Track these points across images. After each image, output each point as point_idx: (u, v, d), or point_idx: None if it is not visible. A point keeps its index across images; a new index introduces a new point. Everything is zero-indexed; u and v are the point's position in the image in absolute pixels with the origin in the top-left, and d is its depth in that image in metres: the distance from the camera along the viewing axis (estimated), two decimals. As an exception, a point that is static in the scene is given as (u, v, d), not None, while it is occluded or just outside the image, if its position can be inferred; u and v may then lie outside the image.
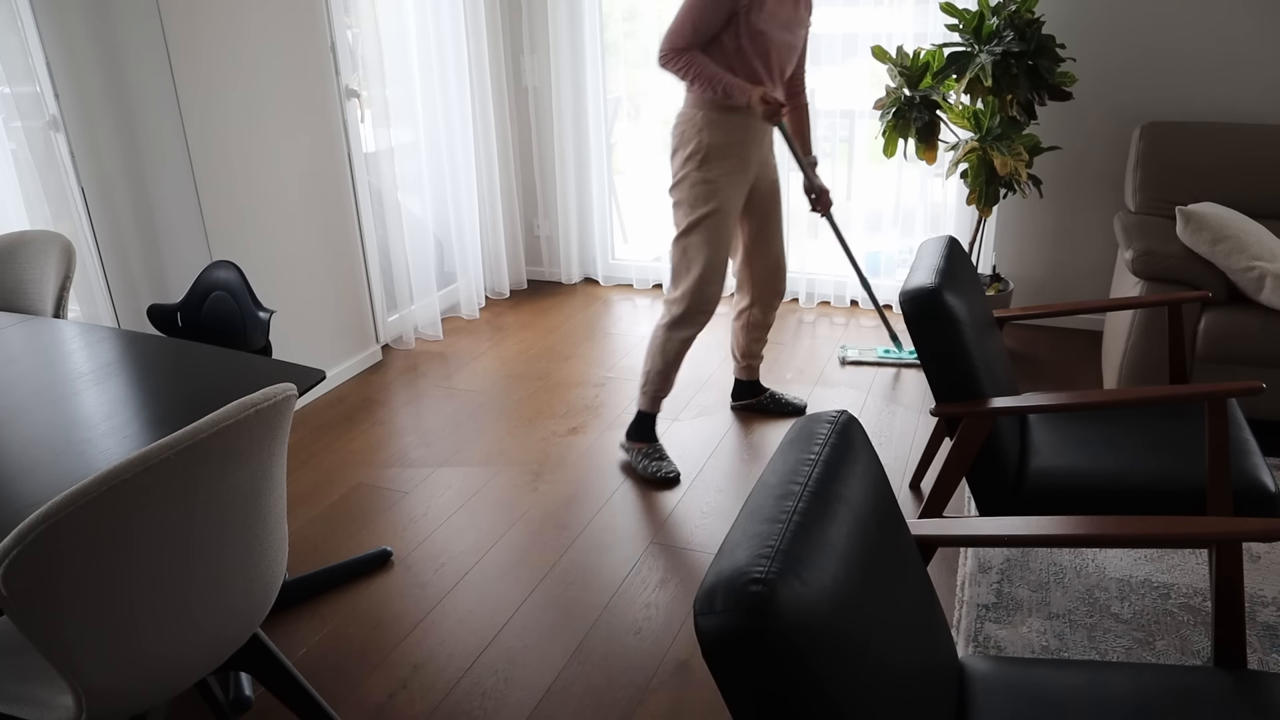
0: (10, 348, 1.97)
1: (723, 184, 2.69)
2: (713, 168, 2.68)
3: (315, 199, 3.37)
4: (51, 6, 2.80)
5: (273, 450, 1.44)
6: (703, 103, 2.68)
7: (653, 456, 2.87)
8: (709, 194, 2.68)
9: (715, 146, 2.68)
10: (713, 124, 2.67)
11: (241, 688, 2.00)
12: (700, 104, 2.68)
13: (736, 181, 2.73)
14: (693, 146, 2.68)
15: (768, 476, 1.15)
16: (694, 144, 2.68)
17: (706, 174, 2.69)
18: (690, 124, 2.70)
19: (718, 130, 2.67)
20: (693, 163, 2.69)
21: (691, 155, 2.69)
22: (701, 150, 2.68)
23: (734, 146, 2.69)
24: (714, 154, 2.68)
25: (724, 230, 2.72)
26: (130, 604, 1.28)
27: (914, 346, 1.95)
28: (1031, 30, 3.24)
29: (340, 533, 2.61)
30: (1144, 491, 1.90)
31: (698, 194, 2.69)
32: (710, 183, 2.69)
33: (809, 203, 3.01)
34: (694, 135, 2.69)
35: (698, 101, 2.69)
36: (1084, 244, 3.86)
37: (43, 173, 2.90)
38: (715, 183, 2.69)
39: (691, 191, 2.70)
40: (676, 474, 2.83)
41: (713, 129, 2.67)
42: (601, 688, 2.01)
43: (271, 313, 2.22)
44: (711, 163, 2.68)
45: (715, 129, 2.67)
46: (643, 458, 2.87)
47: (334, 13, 3.34)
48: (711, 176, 2.69)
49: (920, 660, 1.19)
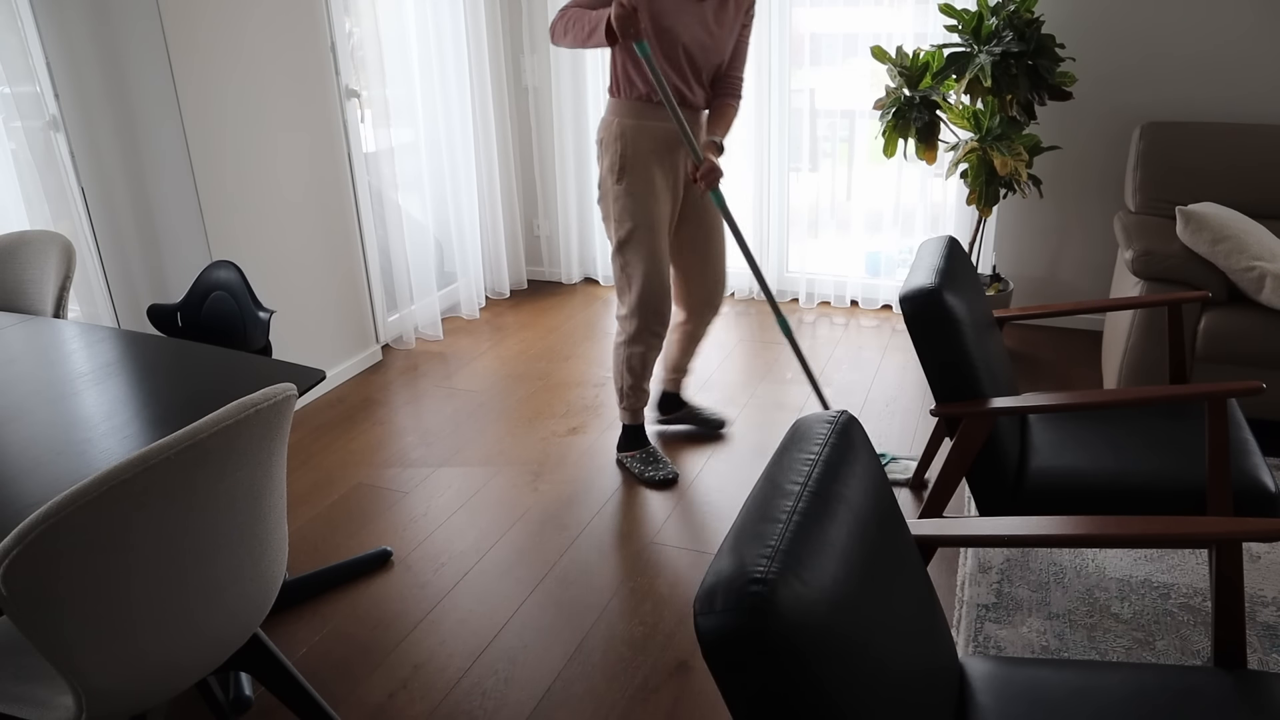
0: (10, 348, 1.97)
1: (646, 195, 2.56)
2: (633, 179, 2.55)
3: (315, 199, 3.37)
4: (51, 6, 2.80)
5: (273, 450, 1.45)
6: (619, 109, 2.54)
7: (648, 461, 2.85)
8: (632, 208, 2.56)
9: (633, 156, 2.54)
10: (629, 132, 2.54)
11: (241, 688, 2.00)
12: (618, 110, 2.55)
13: (660, 190, 2.59)
14: (611, 158, 2.56)
15: (768, 476, 1.15)
16: (612, 154, 2.56)
17: (628, 186, 2.55)
18: (608, 131, 2.57)
19: (635, 138, 2.54)
20: (613, 175, 2.56)
21: (611, 167, 2.57)
22: (619, 161, 2.55)
23: (654, 155, 2.56)
24: (632, 164, 2.54)
25: (656, 243, 2.59)
26: (130, 604, 1.28)
27: (914, 346, 1.95)
28: (1031, 30, 3.24)
29: (340, 533, 2.61)
30: (1144, 491, 1.90)
31: (621, 208, 2.57)
32: (633, 195, 2.55)
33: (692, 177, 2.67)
34: (612, 144, 2.56)
35: (615, 108, 2.56)
36: (1084, 244, 3.86)
37: (43, 173, 2.90)
38: (638, 195, 2.55)
39: (615, 206, 2.58)
40: (675, 474, 2.81)
41: (629, 137, 2.54)
42: (601, 688, 2.01)
43: (271, 313, 2.22)
44: (630, 174, 2.55)
45: (632, 137, 2.54)
46: (638, 463, 2.86)
47: (334, 12, 3.34)
48: (634, 189, 2.55)
49: (920, 660, 1.19)
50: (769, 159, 4.14)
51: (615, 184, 2.56)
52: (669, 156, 2.60)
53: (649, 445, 2.90)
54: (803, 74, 4.01)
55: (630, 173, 2.54)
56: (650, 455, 2.87)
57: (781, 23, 3.92)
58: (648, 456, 2.86)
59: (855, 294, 4.27)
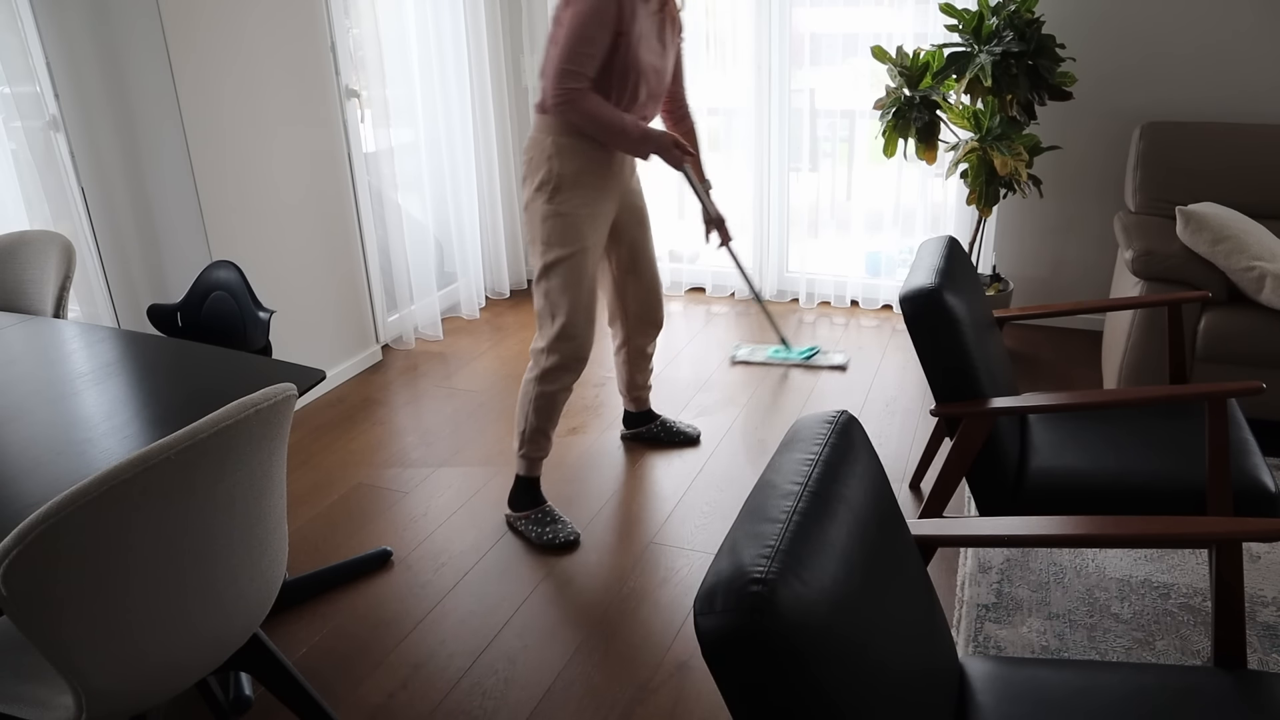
0: (10, 348, 1.97)
1: (579, 218, 2.39)
2: (566, 200, 2.38)
3: (315, 199, 3.37)
4: (51, 6, 2.80)
5: (273, 450, 1.45)
6: (554, 127, 2.37)
7: (545, 522, 2.56)
8: (564, 230, 2.38)
9: (568, 176, 2.37)
10: (564, 151, 2.36)
11: (241, 688, 2.00)
12: (551, 128, 2.37)
13: (596, 213, 2.43)
14: (542, 175, 2.38)
15: (768, 476, 1.15)
16: (543, 173, 2.37)
17: (559, 207, 2.37)
18: (539, 150, 2.39)
19: (570, 157, 2.37)
20: (543, 194, 2.38)
21: (542, 186, 2.38)
22: (552, 180, 2.37)
23: (589, 175, 2.40)
24: (566, 184, 2.37)
25: (586, 269, 2.42)
26: (130, 604, 1.28)
27: (914, 346, 1.95)
28: (1031, 30, 3.24)
29: (340, 533, 2.61)
30: (1144, 491, 1.90)
31: (551, 230, 2.38)
32: (564, 216, 2.38)
33: (705, 234, 2.76)
34: (543, 163, 2.37)
35: (547, 126, 2.38)
36: (1084, 244, 3.86)
37: (43, 173, 2.90)
38: (570, 216, 2.38)
39: (544, 227, 2.39)
40: (576, 535, 2.54)
41: (564, 156, 2.36)
42: (601, 688, 2.01)
43: (271, 313, 2.22)
44: (564, 194, 2.37)
45: (567, 156, 2.36)
46: (534, 525, 2.55)
47: (334, 13, 3.34)
48: (565, 210, 2.38)
49: (920, 660, 1.19)
50: (769, 159, 4.14)
51: (545, 203, 2.37)
52: (604, 177, 2.45)
53: (545, 504, 2.60)
54: (803, 74, 4.01)
55: (562, 192, 2.37)
56: (548, 515, 2.57)
57: (781, 23, 3.92)
58: (544, 517, 2.57)
59: (855, 294, 4.27)
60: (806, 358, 3.63)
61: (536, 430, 2.52)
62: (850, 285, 4.25)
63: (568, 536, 2.52)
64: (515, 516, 2.59)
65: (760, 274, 4.37)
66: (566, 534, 2.53)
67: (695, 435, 3.05)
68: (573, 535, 2.53)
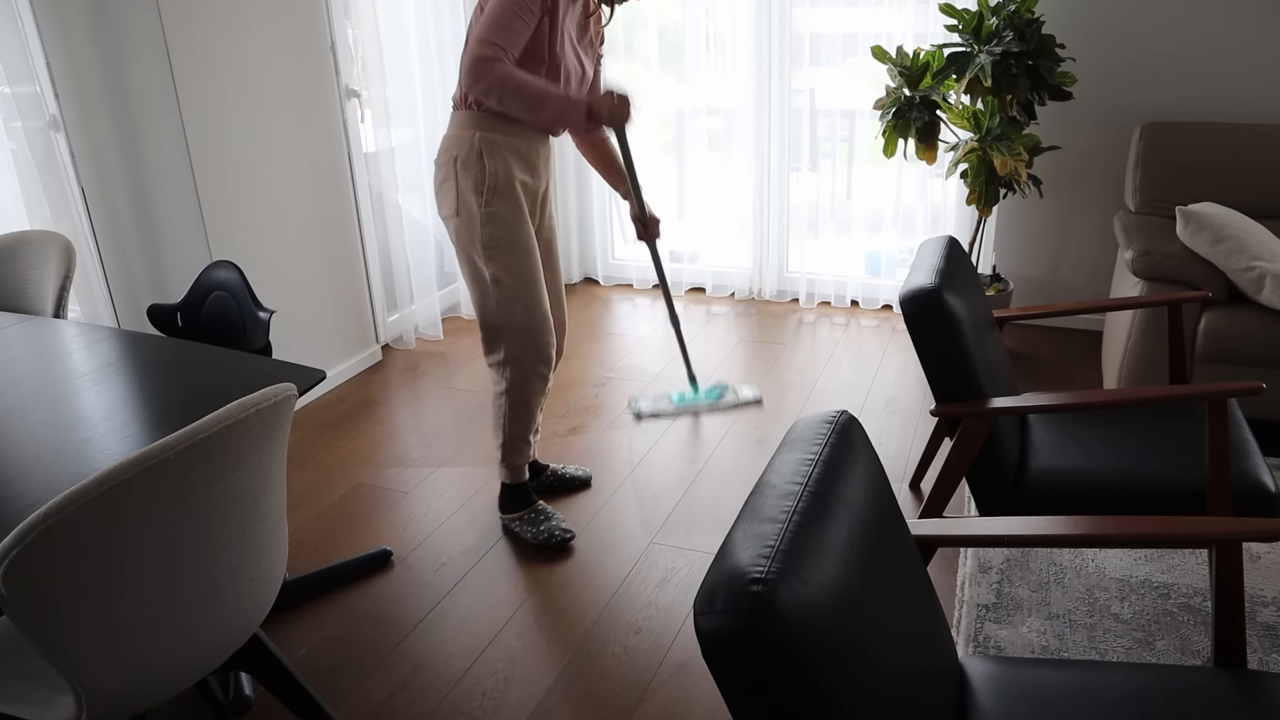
0: (10, 348, 1.97)
1: (514, 220, 2.25)
2: (501, 201, 2.23)
3: (315, 199, 3.37)
4: (51, 6, 2.80)
5: (273, 450, 1.45)
6: (476, 122, 2.20)
7: (538, 521, 2.52)
8: (504, 234, 2.23)
9: (502, 175, 2.22)
10: (496, 148, 2.21)
11: (241, 688, 2.00)
12: (474, 124, 2.21)
13: (526, 214, 2.30)
14: (473, 177, 2.21)
15: (768, 476, 1.15)
16: (475, 173, 2.21)
17: (499, 209, 2.22)
18: (464, 148, 2.21)
19: (503, 154, 2.22)
20: (478, 197, 2.21)
21: (476, 187, 2.21)
22: (487, 179, 2.21)
23: (518, 173, 2.27)
24: (502, 184, 2.22)
25: (534, 269, 2.28)
26: (130, 604, 1.28)
27: (914, 346, 1.95)
28: (1031, 30, 3.24)
29: (340, 533, 2.61)
30: (1144, 491, 1.90)
31: (490, 236, 2.23)
32: (501, 220, 2.23)
33: (636, 231, 2.58)
34: (473, 162, 2.21)
35: (470, 121, 2.21)
36: (1084, 244, 3.86)
37: (43, 173, 2.90)
38: (506, 219, 2.23)
39: (482, 233, 2.23)
40: (570, 531, 2.51)
41: (495, 154, 2.21)
42: (602, 688, 2.01)
43: (271, 313, 2.22)
44: (499, 195, 2.22)
45: (499, 153, 2.21)
46: (527, 525, 2.52)
47: (334, 13, 3.34)
48: (505, 212, 2.23)
49: (920, 660, 1.19)
50: (769, 159, 4.14)
51: (482, 208, 2.22)
52: (530, 176, 2.31)
53: (536, 502, 2.57)
54: (803, 74, 4.01)
55: (498, 193, 2.22)
56: (541, 513, 2.54)
57: (781, 23, 3.92)
58: (537, 515, 2.53)
59: (855, 294, 4.27)
60: (715, 399, 3.24)
61: (518, 438, 2.46)
62: (850, 285, 4.26)
63: (562, 535, 2.50)
64: (509, 518, 2.57)
65: (760, 274, 4.37)
66: (560, 533, 2.50)
67: (587, 477, 2.81)
68: (568, 531, 2.51)
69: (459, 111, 2.26)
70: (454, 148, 2.23)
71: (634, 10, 4.18)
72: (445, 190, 2.27)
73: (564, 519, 2.57)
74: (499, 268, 2.25)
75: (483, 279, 2.27)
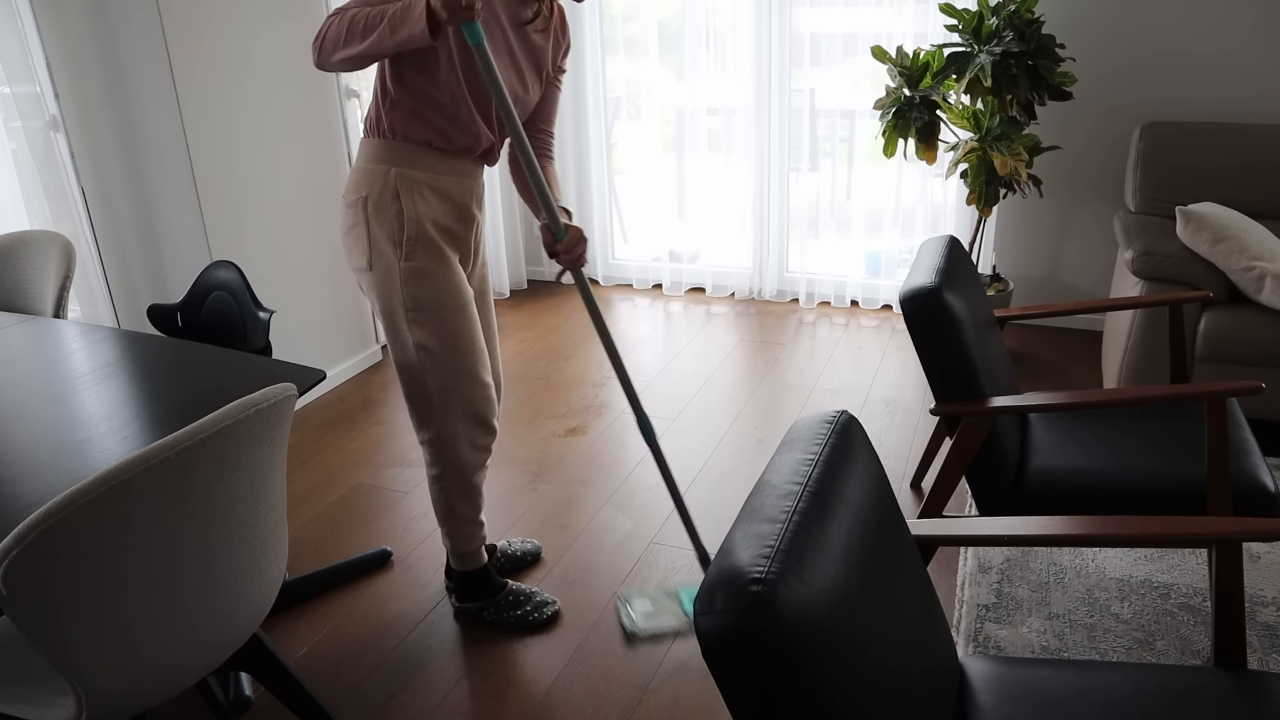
0: (10, 348, 1.97)
1: (443, 273, 1.87)
2: (425, 253, 1.85)
3: (315, 199, 3.37)
4: (51, 6, 2.80)
5: (273, 450, 1.45)
6: (392, 155, 1.82)
7: (516, 604, 2.18)
8: (430, 292, 1.86)
9: (425, 220, 1.84)
10: (415, 188, 1.83)
11: (241, 688, 2.00)
12: (389, 157, 1.82)
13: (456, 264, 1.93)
14: (387, 223, 1.83)
15: (768, 476, 1.15)
16: (388, 219, 1.82)
17: (420, 263, 1.84)
18: (378, 188, 1.82)
19: (425, 196, 1.84)
20: (395, 249, 1.83)
21: (391, 237, 1.83)
22: (404, 229, 1.83)
23: (446, 217, 1.89)
24: (425, 232, 1.84)
25: (467, 329, 1.91)
26: (130, 604, 1.28)
27: (914, 346, 1.95)
28: (1031, 30, 3.24)
29: (340, 533, 2.61)
30: (1144, 491, 1.90)
31: (413, 295, 1.86)
32: (426, 275, 1.85)
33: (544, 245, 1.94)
34: (388, 204, 1.82)
35: (384, 154, 1.83)
36: (1084, 244, 3.86)
37: (43, 173, 2.90)
38: (433, 274, 1.86)
39: (404, 291, 1.85)
40: (554, 602, 2.21)
41: (417, 195, 1.83)
42: (601, 688, 2.01)
43: (271, 313, 2.22)
44: (422, 246, 1.84)
45: (421, 194, 1.83)
46: (504, 610, 2.17)
47: (334, 13, 3.34)
48: (428, 266, 1.85)
49: (920, 660, 1.19)
50: (769, 159, 4.14)
51: (402, 262, 1.84)
52: (460, 223, 1.93)
53: (505, 585, 2.20)
54: (803, 74, 4.01)
55: (420, 244, 1.84)
56: (518, 595, 2.19)
57: (781, 23, 3.92)
58: (514, 599, 2.18)
59: (855, 294, 4.27)
60: None
61: (463, 523, 2.10)
62: (850, 285, 4.26)
63: (551, 609, 2.18)
64: (473, 607, 2.18)
65: (760, 274, 4.37)
66: (550, 608, 2.18)
67: (537, 551, 2.46)
68: (555, 607, 2.20)
69: (369, 140, 1.86)
70: (363, 185, 1.84)
71: (634, 10, 4.18)
72: (354, 238, 1.87)
73: (541, 592, 2.23)
74: (426, 333, 1.88)
75: (405, 346, 1.90)
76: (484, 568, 2.17)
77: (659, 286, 4.63)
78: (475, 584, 2.17)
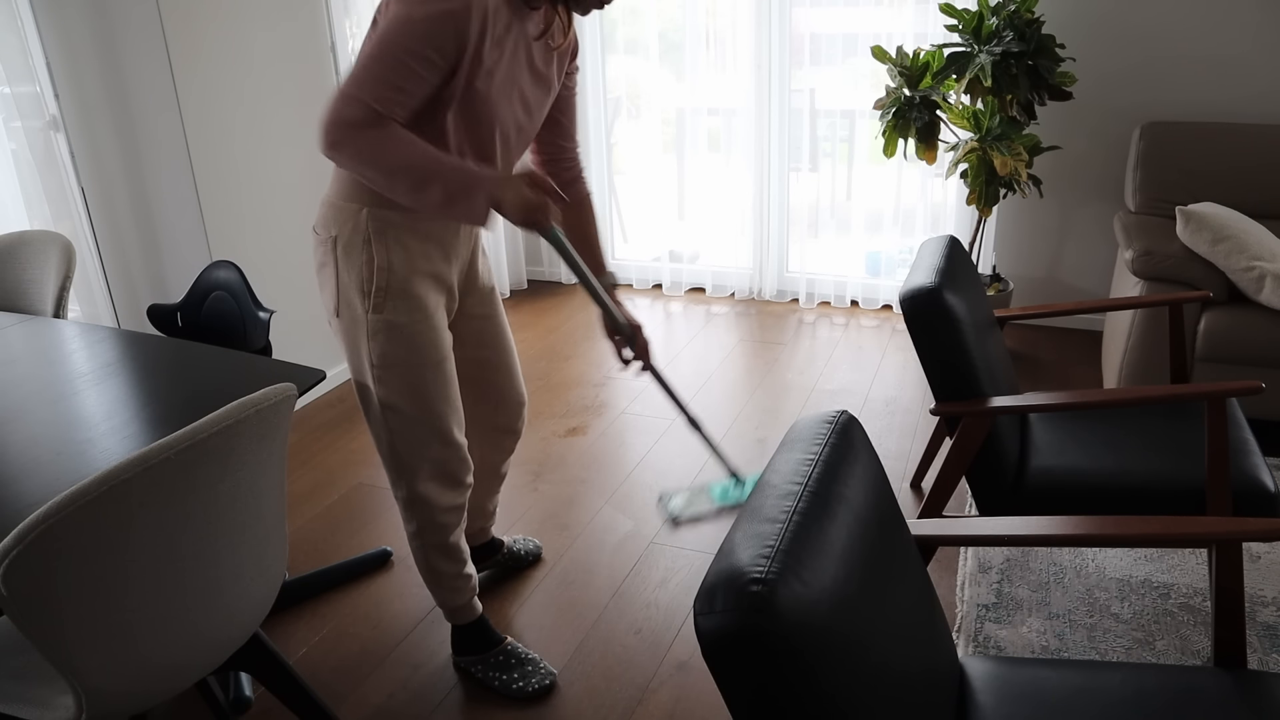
0: (10, 348, 1.97)
1: (418, 326, 1.70)
2: (398, 305, 1.67)
3: (315, 199, 3.37)
4: (51, 6, 2.80)
5: (273, 450, 1.45)
6: (364, 194, 1.62)
7: (508, 666, 2.01)
8: (402, 348, 1.70)
9: (399, 270, 1.65)
10: (390, 231, 1.64)
11: (241, 688, 2.00)
12: (361, 193, 1.62)
13: (436, 312, 1.74)
14: (356, 270, 1.65)
15: (768, 476, 1.15)
16: (358, 265, 1.65)
17: (390, 316, 1.67)
18: (348, 228, 1.64)
19: (401, 241, 1.65)
20: (364, 299, 1.66)
21: (361, 286, 1.66)
22: (374, 279, 1.65)
23: (423, 262, 1.69)
24: (394, 281, 1.66)
25: (439, 388, 1.76)
26: (130, 604, 1.28)
27: (914, 346, 1.95)
28: (1031, 30, 3.24)
29: (340, 533, 2.61)
30: (1144, 491, 1.90)
31: (383, 350, 1.69)
32: (398, 330, 1.68)
33: (616, 352, 1.94)
34: (358, 251, 1.64)
35: (356, 192, 1.63)
36: (1084, 244, 3.86)
37: (43, 173, 2.90)
38: (406, 328, 1.68)
39: (372, 345, 1.69)
40: (552, 678, 2.01)
41: (392, 240, 1.64)
42: (601, 688, 2.01)
43: (271, 313, 2.22)
44: (394, 297, 1.66)
45: (396, 240, 1.64)
46: (494, 670, 2.00)
47: (334, 13, 3.34)
48: (400, 320, 1.67)
49: (920, 660, 1.19)
50: (769, 159, 4.14)
51: (369, 314, 1.67)
52: (444, 262, 1.74)
53: (504, 641, 2.05)
54: (803, 74, 4.01)
55: (392, 295, 1.66)
56: (511, 655, 2.03)
57: (781, 23, 3.92)
58: (506, 658, 2.02)
59: (855, 294, 4.27)
60: None
61: (447, 578, 1.95)
62: (850, 285, 4.26)
63: (542, 682, 1.98)
64: (467, 661, 2.04)
65: (760, 274, 4.37)
66: (540, 680, 1.99)
67: (538, 551, 2.45)
68: (549, 679, 2.00)
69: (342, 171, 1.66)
70: (333, 223, 1.66)
71: (635, 10, 4.18)
72: (324, 278, 1.71)
73: (542, 661, 2.04)
74: (392, 391, 1.72)
75: (371, 403, 1.75)
76: (477, 621, 2.03)
77: (659, 286, 4.63)
78: (469, 639, 2.03)
